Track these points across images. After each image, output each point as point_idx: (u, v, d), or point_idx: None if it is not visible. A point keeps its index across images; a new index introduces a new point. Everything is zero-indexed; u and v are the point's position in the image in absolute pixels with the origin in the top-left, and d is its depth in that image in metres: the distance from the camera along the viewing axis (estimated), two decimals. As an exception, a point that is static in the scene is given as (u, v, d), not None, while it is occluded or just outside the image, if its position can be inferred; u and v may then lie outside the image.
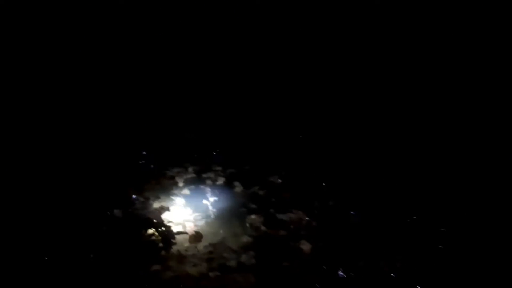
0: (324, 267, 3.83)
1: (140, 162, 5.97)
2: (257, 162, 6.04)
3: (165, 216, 4.68)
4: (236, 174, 5.74)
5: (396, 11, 6.75)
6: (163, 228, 4.39)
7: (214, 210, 4.86)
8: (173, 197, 5.12)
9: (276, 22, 7.15)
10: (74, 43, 6.85)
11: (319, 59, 7.02)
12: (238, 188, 5.39)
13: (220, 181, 5.59)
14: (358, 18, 6.92)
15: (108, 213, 4.56)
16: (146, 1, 7.46)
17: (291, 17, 7.23)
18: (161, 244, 4.18)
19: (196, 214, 4.77)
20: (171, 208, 4.85)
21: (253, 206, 4.94)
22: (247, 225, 4.54)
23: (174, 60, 7.53)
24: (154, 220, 4.54)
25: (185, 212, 4.80)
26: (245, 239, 4.30)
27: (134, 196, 5.00)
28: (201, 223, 4.59)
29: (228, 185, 5.48)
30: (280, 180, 5.52)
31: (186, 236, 4.31)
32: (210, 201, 5.08)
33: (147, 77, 7.18)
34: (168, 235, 4.28)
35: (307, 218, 4.61)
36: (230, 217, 4.72)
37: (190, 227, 4.47)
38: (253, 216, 4.68)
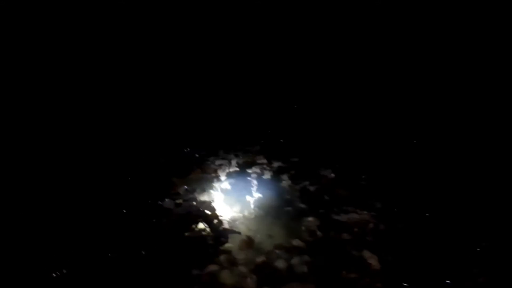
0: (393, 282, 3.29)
1: (185, 150, 5.59)
2: (306, 154, 5.50)
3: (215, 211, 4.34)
4: (283, 168, 5.22)
5: (397, 11, 6.59)
6: (216, 222, 4.05)
7: (260, 207, 4.48)
8: (215, 192, 4.75)
9: (277, 22, 6.94)
10: (77, 43, 6.66)
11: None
12: (286, 182, 4.89)
13: (267, 175, 5.12)
14: (358, 18, 6.76)
15: (160, 202, 4.27)
16: (146, 1, 7.31)
17: (291, 17, 7.03)
18: (211, 241, 3.82)
19: (241, 211, 4.41)
20: (215, 203, 4.43)
21: (303, 205, 4.51)
22: (302, 228, 4.04)
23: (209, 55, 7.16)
24: (207, 212, 4.18)
25: (229, 209, 4.37)
26: (299, 243, 3.83)
27: (185, 187, 4.71)
28: (249, 222, 4.16)
29: (275, 179, 4.98)
30: (333, 175, 4.98)
31: (237, 236, 3.91)
32: (255, 197, 4.63)
33: (191, 70, 6.87)
34: (220, 233, 3.89)
35: (371, 221, 4.04)
36: (280, 216, 4.30)
37: (238, 226, 4.04)
38: (309, 218, 4.16)
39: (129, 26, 6.97)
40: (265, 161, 5.45)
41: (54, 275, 3.22)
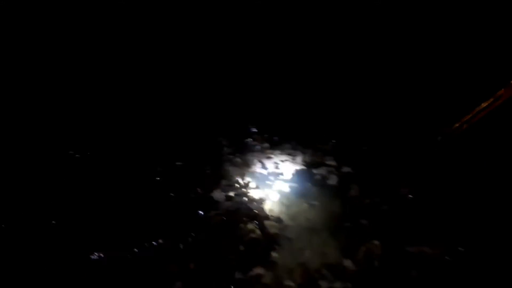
0: None
1: (247, 140, 5.21)
2: (383, 163, 4.83)
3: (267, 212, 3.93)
4: (353, 175, 4.63)
5: (397, 11, 6.41)
6: (266, 224, 3.64)
7: (319, 216, 3.97)
8: (273, 190, 4.31)
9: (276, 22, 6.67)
10: (77, 43, 6.46)
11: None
12: (354, 192, 4.31)
13: (332, 180, 4.57)
14: (358, 18, 6.55)
15: (210, 193, 3.94)
16: (146, 1, 7.07)
17: (291, 17, 6.75)
18: (259, 245, 3.45)
19: (297, 217, 3.94)
20: (270, 203, 4.01)
21: (368, 224, 3.89)
22: (361, 249, 3.49)
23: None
24: (259, 211, 3.78)
25: (284, 212, 3.94)
26: (351, 266, 3.30)
27: (240, 180, 4.36)
28: (303, 231, 3.69)
29: (342, 187, 4.42)
30: (411, 196, 4.27)
31: (287, 244, 3.47)
32: (315, 203, 4.11)
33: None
34: (270, 237, 3.48)
35: (447, 260, 3.35)
36: (339, 231, 3.74)
37: (290, 233, 3.60)
38: (374, 242, 3.57)
39: (129, 26, 6.80)
40: (334, 163, 4.90)
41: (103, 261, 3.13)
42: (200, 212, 3.66)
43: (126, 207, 3.76)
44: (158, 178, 4.23)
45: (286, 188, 4.37)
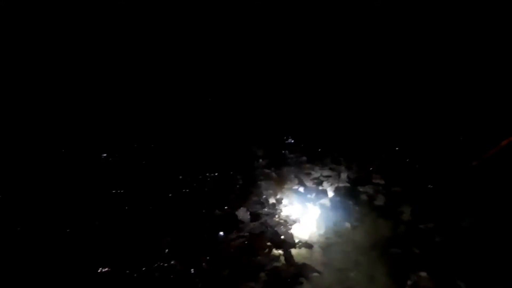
0: None
1: (283, 152, 4.76)
2: (439, 185, 4.15)
3: (296, 234, 3.44)
4: (404, 197, 4.01)
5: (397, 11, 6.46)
6: (294, 253, 3.15)
7: (360, 244, 3.39)
8: (308, 210, 3.81)
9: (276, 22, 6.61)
10: (77, 43, 6.28)
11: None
12: (404, 216, 3.71)
13: (380, 201, 3.99)
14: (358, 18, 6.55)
15: (236, 214, 3.56)
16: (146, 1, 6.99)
17: (291, 17, 6.70)
18: (282, 276, 2.94)
19: (332, 243, 3.40)
20: (303, 226, 3.53)
21: (421, 253, 3.29)
22: (408, 283, 2.93)
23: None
24: (282, 237, 3.30)
25: (317, 237, 3.43)
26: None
27: (270, 197, 3.91)
28: (337, 261, 3.16)
29: (390, 210, 3.83)
30: (468, 224, 3.58)
31: (315, 279, 2.97)
32: (358, 226, 3.57)
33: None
34: (297, 267, 3.00)
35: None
36: (383, 260, 3.18)
37: (321, 263, 3.10)
38: (422, 274, 3.00)
39: (129, 26, 6.64)
40: (381, 181, 4.31)
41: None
42: (221, 233, 3.27)
43: (144, 219, 3.49)
44: (186, 190, 3.93)
45: (324, 208, 3.86)
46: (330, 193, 4.11)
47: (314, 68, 6.38)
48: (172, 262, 2.96)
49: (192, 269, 2.89)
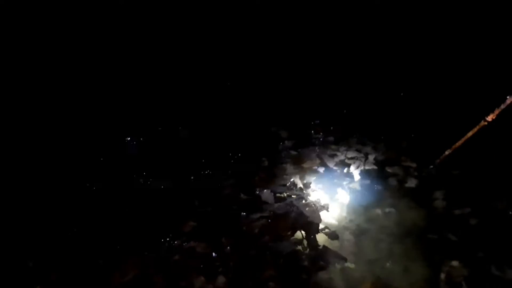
0: None
1: (308, 132, 4.61)
2: (476, 165, 3.91)
3: (324, 219, 3.31)
4: (437, 180, 3.80)
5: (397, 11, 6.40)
6: (318, 236, 3.01)
7: (389, 229, 3.26)
8: (334, 193, 3.67)
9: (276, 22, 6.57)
10: (76, 43, 6.14)
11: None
12: (439, 203, 3.52)
13: (411, 183, 3.80)
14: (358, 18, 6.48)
15: (257, 192, 3.44)
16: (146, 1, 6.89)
17: (290, 17, 6.65)
18: (304, 262, 2.82)
19: (360, 229, 3.25)
20: (330, 209, 3.39)
21: (455, 240, 3.09)
22: (441, 275, 2.76)
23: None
24: (311, 219, 3.16)
25: (344, 222, 3.29)
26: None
27: (293, 179, 3.77)
28: (365, 247, 3.02)
29: (422, 193, 3.64)
30: (504, 206, 3.35)
31: (342, 266, 2.84)
32: (385, 211, 3.40)
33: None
34: (319, 253, 2.86)
35: None
36: (416, 247, 3.03)
37: (347, 250, 2.96)
38: (453, 263, 2.82)
39: (129, 26, 6.54)
40: (412, 164, 4.10)
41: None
42: (243, 213, 3.18)
43: (166, 201, 3.45)
44: (209, 171, 3.86)
45: (352, 192, 3.70)
46: (357, 176, 3.95)
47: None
48: (192, 244, 2.90)
49: (213, 253, 2.83)
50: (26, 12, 6.28)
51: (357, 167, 4.08)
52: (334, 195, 3.63)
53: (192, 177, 3.71)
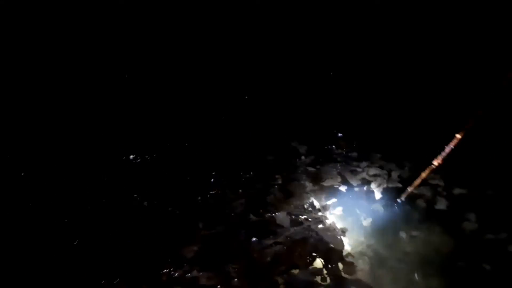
0: None
1: (329, 147, 4.32)
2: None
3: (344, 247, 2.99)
4: (468, 199, 3.47)
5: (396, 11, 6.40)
6: (340, 266, 2.71)
7: (415, 256, 2.95)
8: (355, 215, 3.35)
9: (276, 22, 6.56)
10: (76, 43, 6.04)
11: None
12: (469, 225, 3.20)
13: (440, 204, 3.49)
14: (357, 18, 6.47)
15: (273, 214, 3.14)
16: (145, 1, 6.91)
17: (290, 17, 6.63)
18: None
19: (382, 257, 2.92)
20: (351, 234, 3.09)
21: (492, 270, 2.77)
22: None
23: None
24: (329, 244, 2.86)
25: (365, 247, 2.99)
26: None
27: (312, 199, 3.46)
28: (388, 278, 2.72)
29: (452, 215, 3.32)
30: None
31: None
32: (417, 235, 3.09)
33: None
34: (339, 283, 2.59)
35: None
36: (442, 279, 2.68)
37: (369, 279, 2.67)
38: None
39: (128, 26, 6.46)
40: (441, 182, 3.77)
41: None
42: (254, 238, 2.90)
43: (168, 224, 3.18)
44: (216, 191, 3.58)
45: (376, 212, 3.40)
46: (380, 195, 3.64)
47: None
48: (195, 274, 2.63)
49: (219, 285, 2.55)
50: (26, 12, 6.27)
51: (379, 185, 3.77)
52: (354, 218, 3.32)
53: (199, 197, 3.43)
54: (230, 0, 6.95)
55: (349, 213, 3.34)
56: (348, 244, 2.96)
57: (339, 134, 4.58)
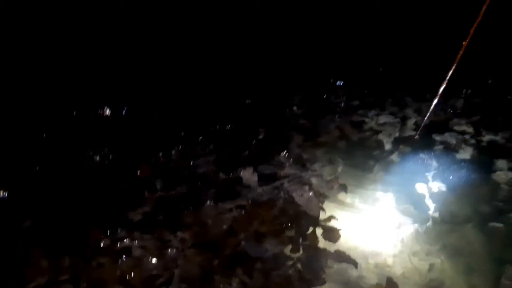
0: None
1: (327, 96, 3.64)
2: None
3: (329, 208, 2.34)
4: (499, 146, 2.72)
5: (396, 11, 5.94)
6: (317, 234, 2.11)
7: (437, 211, 2.26)
8: (359, 173, 2.68)
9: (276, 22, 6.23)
10: (76, 43, 5.68)
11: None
12: (501, 175, 2.45)
13: (465, 152, 2.79)
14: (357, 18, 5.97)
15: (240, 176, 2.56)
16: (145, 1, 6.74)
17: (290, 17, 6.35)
18: (294, 272, 1.96)
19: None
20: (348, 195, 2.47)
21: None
22: (502, 281, 1.79)
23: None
24: (302, 209, 2.27)
25: (366, 207, 2.36)
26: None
27: (296, 154, 2.81)
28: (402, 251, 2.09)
29: (481, 163, 2.61)
30: None
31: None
32: (431, 191, 2.42)
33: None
34: (313, 262, 1.99)
35: None
36: (474, 236, 2.13)
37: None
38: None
39: (128, 26, 6.12)
40: (467, 128, 2.99)
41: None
42: (209, 201, 2.32)
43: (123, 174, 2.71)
44: (182, 147, 2.98)
45: (388, 166, 2.72)
46: (387, 146, 2.93)
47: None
48: (128, 243, 2.11)
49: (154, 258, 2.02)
50: (26, 12, 6.16)
51: (389, 136, 3.05)
52: (351, 176, 2.65)
53: (160, 154, 2.87)
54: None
55: (344, 172, 2.67)
56: (336, 210, 2.32)
57: (339, 82, 3.88)
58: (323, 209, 2.25)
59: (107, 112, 3.50)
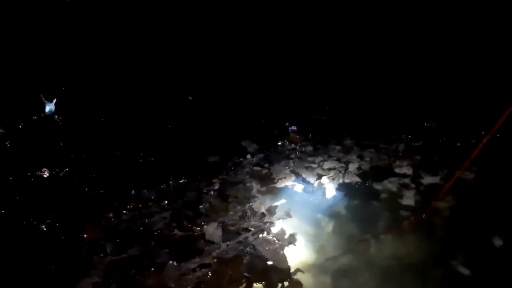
0: None
1: (280, 143, 3.73)
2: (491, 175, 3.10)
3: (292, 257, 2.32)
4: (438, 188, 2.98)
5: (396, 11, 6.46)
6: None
7: (388, 267, 2.34)
8: (311, 223, 2.74)
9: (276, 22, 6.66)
10: (76, 43, 6.02)
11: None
12: (439, 221, 2.71)
13: (408, 199, 3.03)
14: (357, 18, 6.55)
15: (204, 232, 2.45)
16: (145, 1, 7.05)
17: (290, 17, 6.79)
18: None
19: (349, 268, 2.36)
20: (302, 248, 2.49)
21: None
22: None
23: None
24: (270, 263, 2.23)
25: (329, 260, 2.41)
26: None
27: (257, 205, 2.79)
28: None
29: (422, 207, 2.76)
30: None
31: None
32: (381, 240, 2.55)
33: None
34: None
35: None
36: None
37: None
38: None
39: (128, 26, 6.50)
40: (408, 171, 3.23)
41: None
42: (173, 262, 2.21)
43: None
44: (134, 205, 2.81)
45: (333, 217, 2.79)
46: (335, 192, 3.05)
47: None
48: None
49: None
50: (26, 12, 6.16)
51: (333, 180, 3.17)
52: (308, 222, 2.70)
53: (110, 214, 2.69)
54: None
55: (299, 218, 2.71)
56: (298, 258, 2.32)
57: (293, 127, 4.02)
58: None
59: (46, 173, 3.23)
